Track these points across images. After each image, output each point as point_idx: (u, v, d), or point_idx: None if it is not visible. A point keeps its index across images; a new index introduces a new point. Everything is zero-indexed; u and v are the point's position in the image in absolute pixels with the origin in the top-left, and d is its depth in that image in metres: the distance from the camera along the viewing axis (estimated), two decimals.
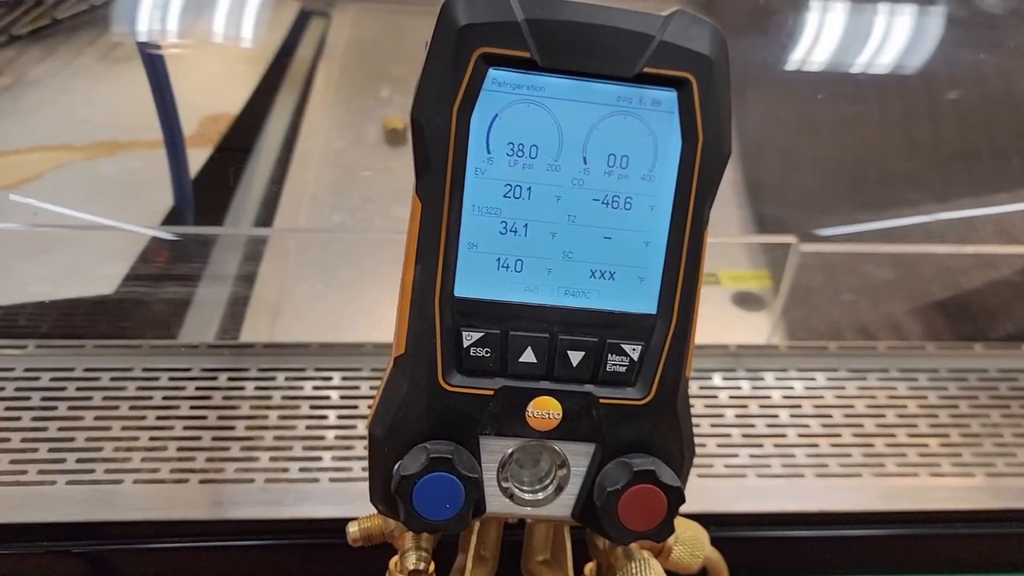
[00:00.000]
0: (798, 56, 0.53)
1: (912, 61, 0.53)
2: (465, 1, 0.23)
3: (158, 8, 0.60)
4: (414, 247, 0.24)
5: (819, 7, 0.55)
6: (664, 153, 0.24)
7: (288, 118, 0.65)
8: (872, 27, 0.53)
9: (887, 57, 0.52)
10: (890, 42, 0.53)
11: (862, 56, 0.53)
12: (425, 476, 0.24)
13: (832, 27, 0.54)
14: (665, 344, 0.25)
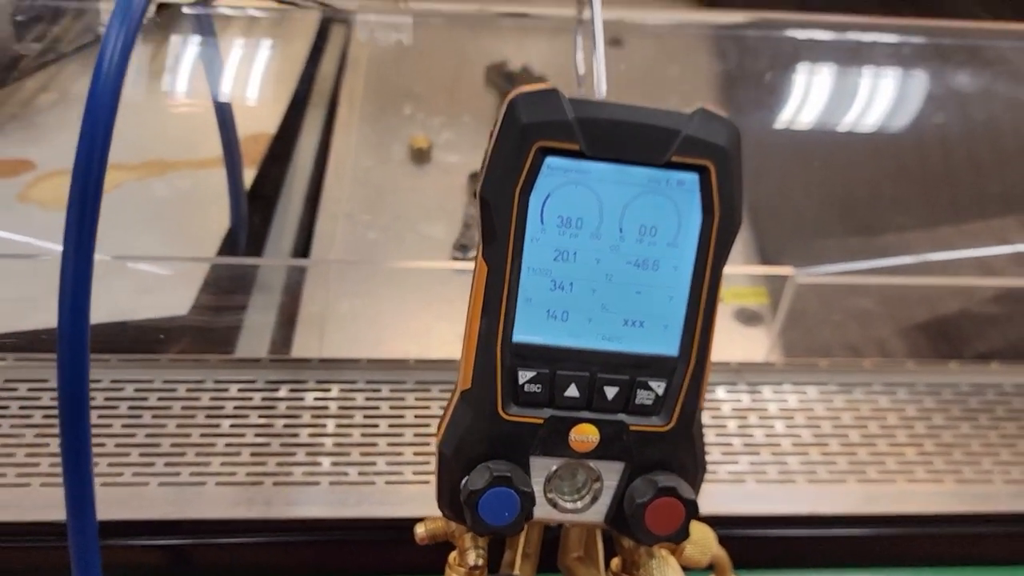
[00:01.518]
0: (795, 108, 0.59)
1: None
2: (527, 102, 0.28)
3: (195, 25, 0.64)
4: (480, 302, 0.29)
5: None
6: (686, 225, 0.29)
7: (318, 136, 0.70)
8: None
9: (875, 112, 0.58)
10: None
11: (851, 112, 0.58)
12: (489, 490, 0.29)
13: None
14: (684, 381, 0.30)
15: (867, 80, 0.61)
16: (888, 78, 0.61)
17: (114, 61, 0.31)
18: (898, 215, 0.55)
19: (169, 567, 0.39)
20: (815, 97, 0.62)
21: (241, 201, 0.51)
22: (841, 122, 0.60)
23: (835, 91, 0.62)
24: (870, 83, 0.61)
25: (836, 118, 0.61)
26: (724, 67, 0.70)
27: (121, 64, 0.31)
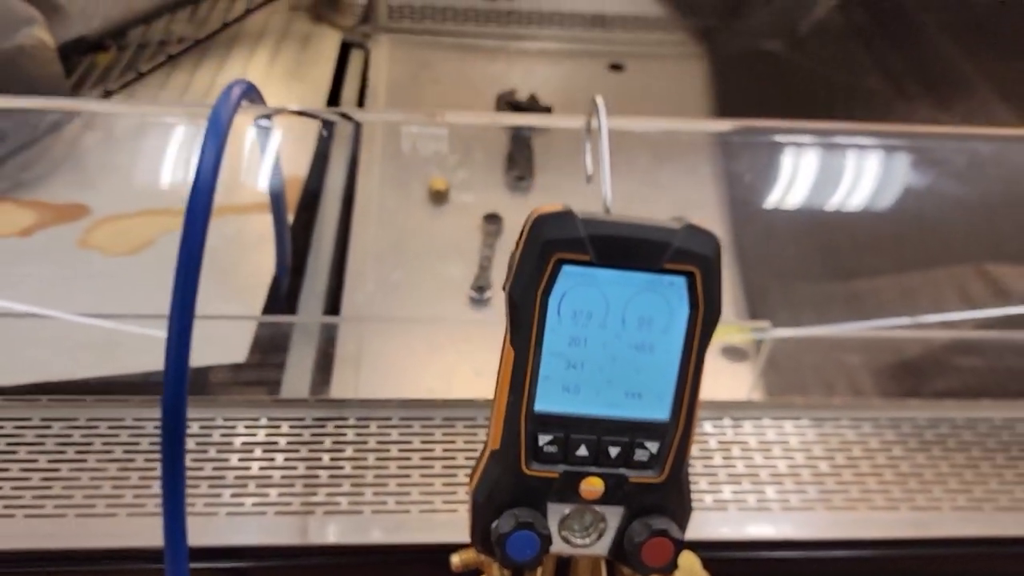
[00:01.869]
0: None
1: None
2: (547, 222, 0.34)
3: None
4: (508, 379, 0.36)
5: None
6: (676, 316, 0.35)
7: (343, 176, 0.76)
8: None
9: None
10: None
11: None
12: (515, 533, 0.36)
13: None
14: (674, 441, 0.37)
15: (842, 166, 0.68)
16: (858, 166, 0.68)
17: (209, 165, 0.37)
18: (868, 267, 0.61)
19: None
20: (800, 180, 0.68)
21: (286, 250, 0.58)
22: (822, 200, 0.67)
23: (818, 175, 0.69)
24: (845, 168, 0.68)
25: (819, 198, 0.68)
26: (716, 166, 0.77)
27: (215, 166, 0.38)
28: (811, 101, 0.89)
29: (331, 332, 0.59)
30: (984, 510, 0.50)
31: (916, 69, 0.89)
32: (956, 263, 0.60)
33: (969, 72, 0.85)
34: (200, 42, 0.90)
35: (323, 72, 0.92)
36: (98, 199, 0.70)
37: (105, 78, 0.82)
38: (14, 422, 0.50)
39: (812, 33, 1.01)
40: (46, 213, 0.68)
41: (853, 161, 0.67)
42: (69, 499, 0.47)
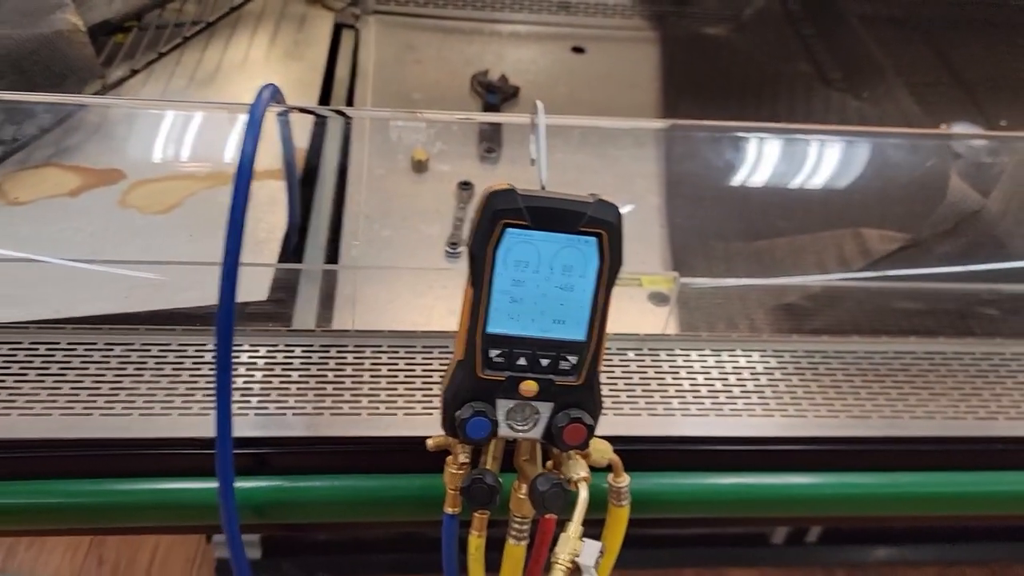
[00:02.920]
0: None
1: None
2: (497, 196, 0.48)
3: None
4: (468, 309, 0.50)
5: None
6: (590, 265, 0.50)
7: (338, 148, 0.89)
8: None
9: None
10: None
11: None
12: (472, 419, 0.50)
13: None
14: (588, 355, 0.51)
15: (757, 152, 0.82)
16: (770, 153, 0.82)
17: (249, 150, 0.50)
18: (771, 231, 0.76)
19: (260, 468, 0.60)
20: (723, 162, 0.82)
21: (296, 210, 0.71)
22: (739, 178, 0.81)
23: (738, 159, 0.82)
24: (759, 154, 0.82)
25: (737, 176, 0.81)
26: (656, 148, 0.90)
27: (253, 150, 0.51)
28: (748, 82, 1.03)
29: (332, 277, 0.72)
30: (840, 418, 0.65)
31: (837, 56, 1.02)
32: (839, 228, 0.74)
33: (881, 60, 0.99)
34: (210, 24, 1.02)
35: (318, 52, 1.04)
36: (130, 164, 0.82)
37: (130, 57, 0.94)
38: (83, 346, 0.64)
39: (752, 20, 1.13)
40: (88, 176, 0.81)
41: (766, 148, 0.81)
42: (132, 403, 0.61)
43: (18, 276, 0.68)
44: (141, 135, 0.86)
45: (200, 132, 0.82)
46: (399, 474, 0.60)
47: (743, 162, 0.81)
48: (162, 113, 0.85)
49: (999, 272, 0.69)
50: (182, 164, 0.81)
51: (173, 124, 0.83)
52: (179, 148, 0.83)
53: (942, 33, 1.07)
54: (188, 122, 0.82)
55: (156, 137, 0.85)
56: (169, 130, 0.83)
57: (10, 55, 0.82)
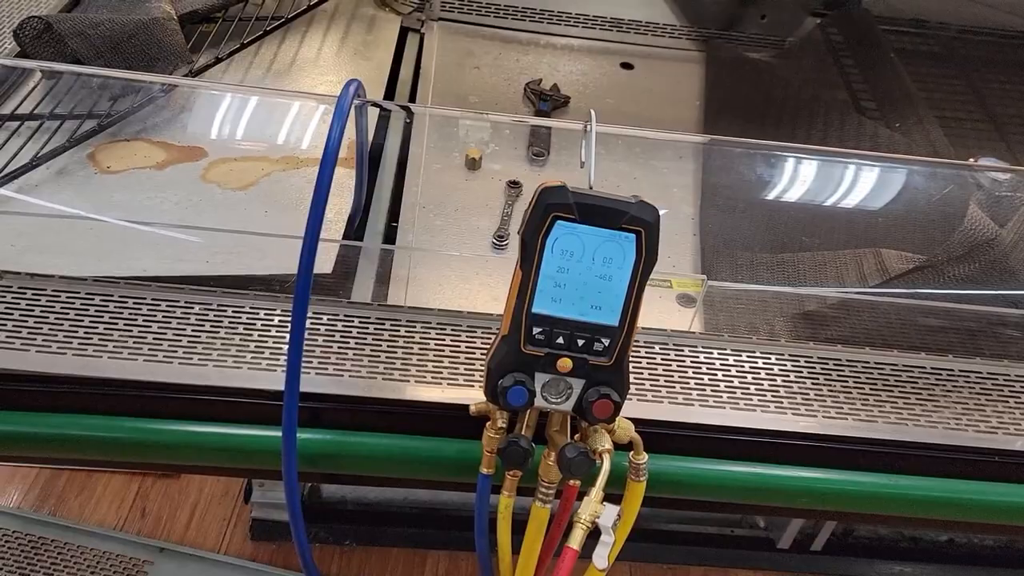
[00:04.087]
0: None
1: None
2: (549, 192, 0.54)
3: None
4: (516, 290, 0.56)
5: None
6: (628, 259, 0.56)
7: (399, 143, 0.96)
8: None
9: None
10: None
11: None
12: (512, 387, 0.56)
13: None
14: (620, 339, 0.57)
15: (788, 170, 0.88)
16: (801, 172, 0.87)
17: (335, 138, 0.57)
18: (796, 245, 0.81)
19: (317, 422, 0.67)
20: (756, 177, 0.88)
21: (363, 195, 0.78)
22: (771, 193, 0.87)
23: (771, 175, 0.88)
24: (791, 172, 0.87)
25: (769, 191, 0.87)
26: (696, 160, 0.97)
27: (340, 137, 0.57)
28: (786, 106, 1.08)
29: (388, 258, 0.79)
30: (848, 420, 0.70)
31: (873, 86, 1.07)
32: (861, 247, 0.80)
33: (914, 93, 1.04)
34: (288, 20, 1.09)
35: (385, 53, 1.12)
36: (211, 142, 0.90)
37: (214, 46, 1.02)
38: (166, 302, 0.71)
39: (795, 48, 1.19)
40: (173, 152, 0.88)
41: (795, 168, 0.86)
42: (209, 356, 0.68)
43: (112, 236, 0.76)
44: (223, 117, 0.94)
45: (278, 118, 0.89)
46: (440, 437, 0.67)
47: (773, 179, 0.86)
48: (243, 98, 0.93)
49: (1010, 297, 0.74)
50: (259, 146, 0.89)
51: (253, 109, 0.90)
52: (258, 131, 0.90)
53: (977, 70, 1.12)
54: (267, 108, 0.90)
55: (237, 120, 0.92)
56: (249, 114, 0.91)
57: (113, 37, 0.90)
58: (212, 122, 0.94)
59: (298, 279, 0.57)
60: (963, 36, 1.18)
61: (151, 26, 0.93)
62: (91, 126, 0.86)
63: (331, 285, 0.74)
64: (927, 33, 1.19)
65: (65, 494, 1.43)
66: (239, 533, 1.40)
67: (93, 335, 0.68)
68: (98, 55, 0.89)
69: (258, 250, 0.74)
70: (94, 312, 0.69)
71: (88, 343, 0.67)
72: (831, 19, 1.20)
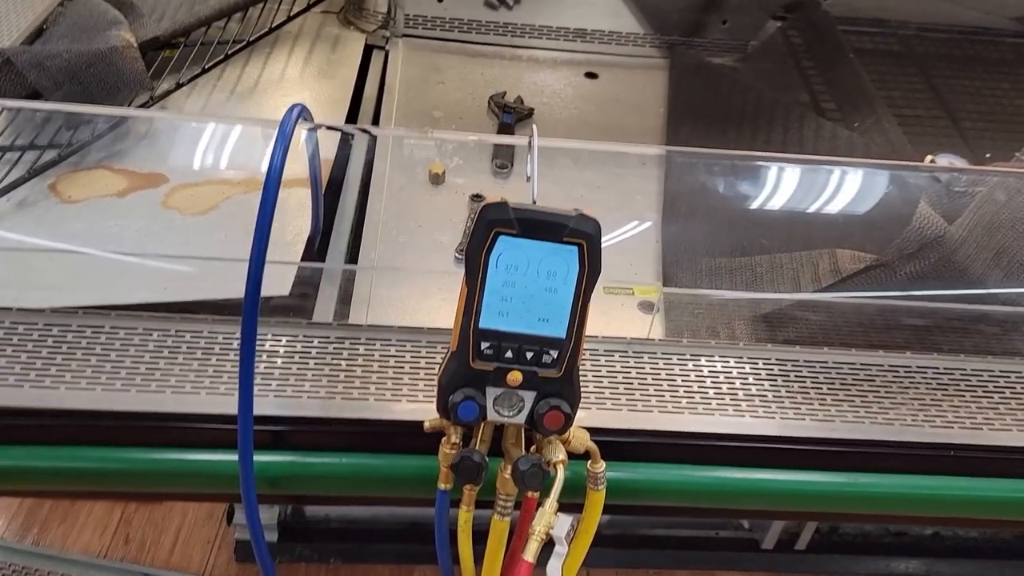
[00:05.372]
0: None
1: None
2: (491, 208, 0.55)
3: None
4: (463, 305, 0.57)
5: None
6: (571, 271, 0.56)
7: (363, 159, 0.96)
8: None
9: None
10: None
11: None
12: (463, 403, 0.57)
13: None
14: (568, 351, 0.58)
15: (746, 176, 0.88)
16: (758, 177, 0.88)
17: (277, 163, 0.58)
18: (753, 249, 0.82)
19: (277, 444, 0.67)
20: (714, 184, 0.89)
21: (319, 217, 0.79)
22: (728, 199, 0.88)
23: (728, 182, 0.89)
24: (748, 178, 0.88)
25: (726, 198, 0.88)
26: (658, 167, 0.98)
27: (282, 162, 0.58)
28: (747, 109, 1.09)
29: (350, 277, 0.79)
30: (806, 421, 0.71)
31: (832, 87, 1.08)
32: (819, 248, 0.80)
33: (872, 93, 1.04)
34: (250, 43, 1.10)
35: (349, 71, 1.12)
36: (173, 168, 0.91)
37: (176, 71, 1.03)
38: (125, 330, 0.72)
39: (757, 52, 1.20)
40: (134, 179, 0.89)
41: (754, 174, 0.87)
42: (167, 382, 0.68)
43: (70, 266, 0.77)
44: (183, 143, 0.95)
45: (236, 143, 0.90)
46: (400, 454, 0.67)
47: (733, 185, 0.87)
48: (203, 123, 0.94)
49: (963, 292, 0.74)
50: (220, 171, 0.90)
51: (212, 135, 0.91)
52: (217, 156, 0.91)
53: (935, 67, 1.13)
54: (226, 133, 0.90)
55: (197, 146, 0.93)
56: (209, 140, 0.91)
57: (69, 67, 0.91)
58: (173, 148, 0.95)
59: (245, 304, 0.58)
60: (922, 34, 1.19)
61: (110, 55, 0.93)
62: (51, 156, 0.87)
63: (291, 306, 0.75)
64: (887, 32, 1.20)
65: (48, 522, 1.43)
66: (224, 555, 1.40)
67: (51, 366, 0.68)
68: (57, 86, 0.90)
69: (216, 275, 0.75)
70: (52, 343, 0.70)
71: (46, 374, 0.67)
72: (792, 22, 1.21)
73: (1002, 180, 0.72)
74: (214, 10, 1.07)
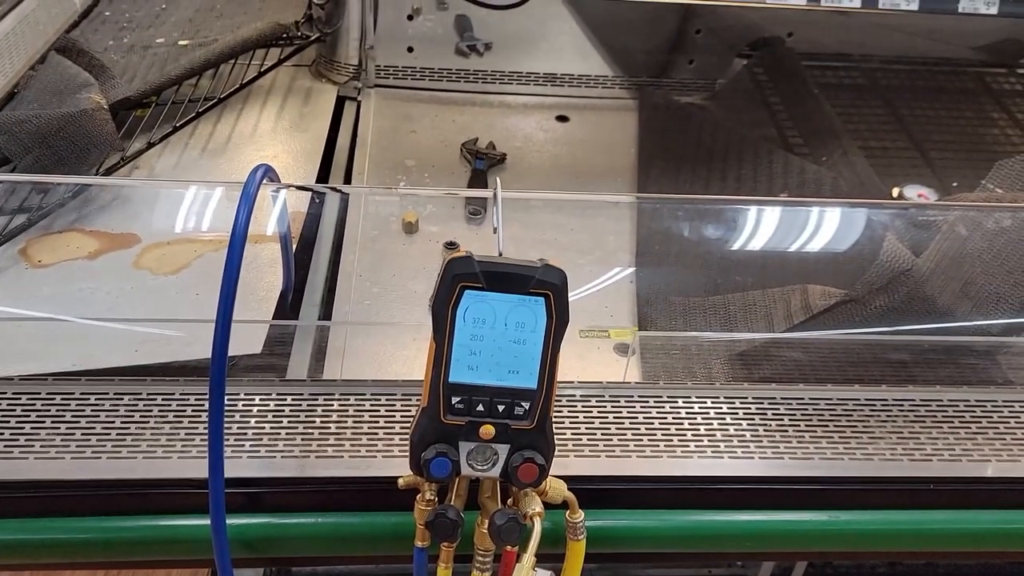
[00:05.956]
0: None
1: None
2: (456, 263, 0.55)
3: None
4: (431, 361, 0.56)
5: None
6: (539, 322, 0.56)
7: (335, 211, 0.97)
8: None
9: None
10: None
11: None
12: (435, 459, 0.56)
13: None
14: (540, 401, 0.57)
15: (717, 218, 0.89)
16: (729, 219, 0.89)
17: (241, 224, 0.58)
18: (728, 288, 0.82)
19: (252, 506, 0.66)
20: (687, 226, 0.90)
21: (290, 274, 0.78)
22: (701, 240, 0.88)
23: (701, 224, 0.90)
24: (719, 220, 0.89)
25: (699, 239, 0.89)
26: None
27: (246, 223, 0.58)
28: (716, 147, 1.10)
29: (324, 332, 0.79)
30: (784, 459, 0.70)
31: (799, 123, 1.10)
32: (787, 285, 0.81)
33: (838, 127, 1.06)
34: (221, 100, 1.11)
35: (321, 124, 1.13)
36: (145, 228, 0.91)
37: (148, 130, 1.03)
38: (95, 395, 0.71)
39: (725, 90, 1.22)
40: (106, 241, 0.89)
41: (724, 215, 0.88)
42: (137, 447, 0.67)
43: (39, 333, 0.76)
44: (154, 204, 0.95)
45: (209, 202, 0.90)
46: (377, 511, 0.66)
47: (704, 227, 0.88)
48: (173, 185, 0.94)
49: (935, 325, 0.75)
50: (191, 230, 0.89)
51: (183, 194, 0.91)
52: (188, 216, 0.91)
53: (899, 99, 1.15)
54: (196, 193, 0.90)
55: (169, 205, 0.93)
56: (181, 199, 0.91)
57: (39, 131, 0.91)
58: (145, 208, 0.95)
59: (212, 365, 0.57)
60: (885, 67, 1.22)
61: (80, 118, 0.94)
62: (21, 221, 0.87)
63: (263, 365, 0.74)
64: (851, 66, 1.23)
65: None
66: None
67: (19, 436, 0.67)
68: (26, 151, 0.90)
69: (187, 336, 0.74)
70: (20, 412, 0.69)
71: (14, 445, 0.66)
72: (757, 59, 1.23)
73: (963, 213, 0.73)
74: (185, 69, 1.08)
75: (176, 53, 1.19)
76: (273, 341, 0.76)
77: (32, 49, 1.11)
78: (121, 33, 1.24)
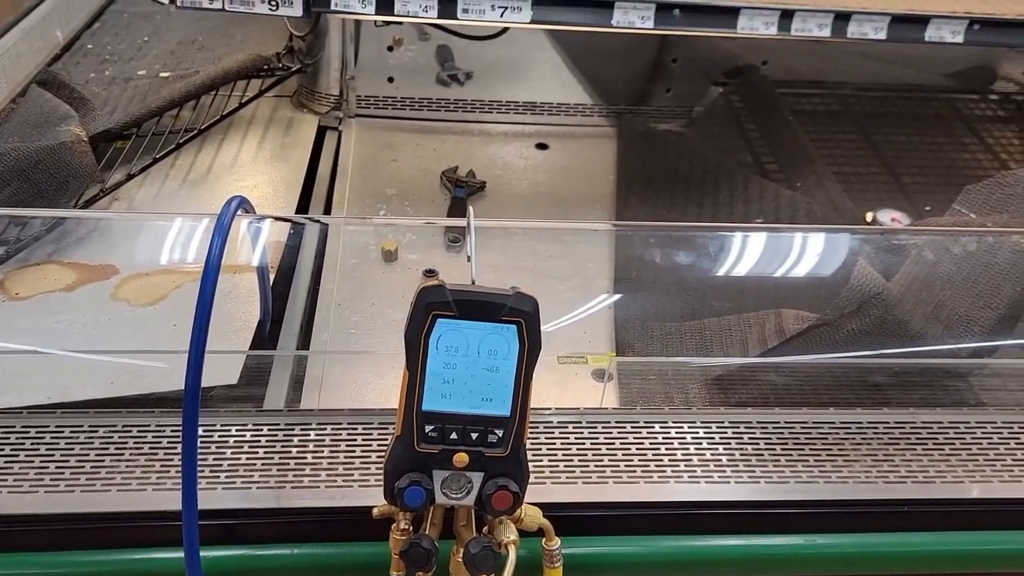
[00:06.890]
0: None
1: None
2: (428, 292, 0.55)
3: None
4: (404, 390, 0.56)
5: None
6: (511, 349, 0.57)
7: (315, 241, 0.97)
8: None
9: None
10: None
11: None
12: (409, 488, 0.56)
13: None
14: (514, 429, 0.57)
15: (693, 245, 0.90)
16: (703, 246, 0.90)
17: (215, 256, 0.58)
18: (705, 313, 0.83)
19: (228, 538, 0.66)
20: (666, 253, 0.91)
21: (268, 303, 0.79)
22: (679, 267, 0.89)
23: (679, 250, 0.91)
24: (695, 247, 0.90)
25: (678, 266, 0.90)
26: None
27: (220, 254, 0.58)
28: (693, 173, 1.12)
29: (302, 362, 0.79)
30: (760, 483, 0.71)
31: (774, 149, 1.11)
32: (762, 309, 0.82)
33: (812, 153, 1.08)
34: (201, 131, 1.12)
35: (302, 153, 1.14)
36: (123, 260, 0.91)
37: (128, 162, 1.03)
38: (70, 428, 0.71)
39: (701, 117, 1.23)
40: (84, 272, 0.89)
41: (700, 242, 0.89)
42: (112, 480, 0.67)
43: (14, 366, 0.76)
44: (133, 235, 0.95)
45: (186, 233, 0.90)
46: (352, 541, 0.66)
47: (681, 253, 0.89)
48: (151, 217, 0.94)
49: (907, 348, 0.76)
50: (170, 261, 0.90)
51: (161, 226, 0.91)
52: (168, 247, 0.91)
53: (872, 125, 1.17)
54: (175, 224, 0.91)
55: (147, 237, 0.93)
56: (158, 231, 0.92)
57: (17, 164, 0.91)
58: (123, 240, 0.95)
59: (185, 397, 0.57)
60: (858, 93, 1.24)
61: (59, 150, 0.94)
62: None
63: (240, 395, 0.74)
64: (825, 92, 1.25)
65: None
66: None
67: None
68: (5, 184, 0.90)
69: (162, 367, 0.74)
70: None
71: None
72: (733, 87, 1.25)
73: (932, 238, 0.74)
74: (165, 100, 1.09)
75: (157, 85, 1.20)
76: (250, 371, 0.76)
77: (13, 83, 1.12)
78: (103, 65, 1.25)
